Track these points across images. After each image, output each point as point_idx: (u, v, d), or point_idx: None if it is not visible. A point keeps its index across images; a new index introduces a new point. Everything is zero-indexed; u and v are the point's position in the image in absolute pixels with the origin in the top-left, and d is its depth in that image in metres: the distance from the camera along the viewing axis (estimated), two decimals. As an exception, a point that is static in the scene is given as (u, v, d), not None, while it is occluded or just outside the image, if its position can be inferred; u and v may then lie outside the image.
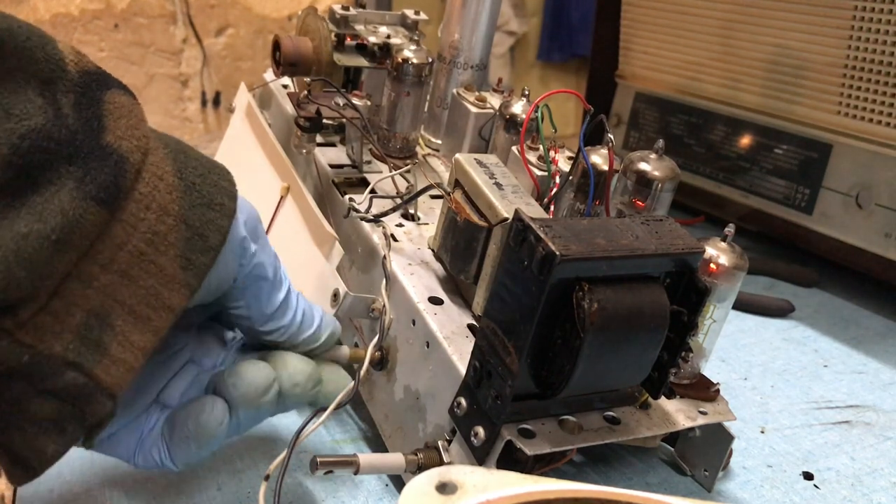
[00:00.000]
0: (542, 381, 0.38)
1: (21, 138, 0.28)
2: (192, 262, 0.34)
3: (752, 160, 0.85)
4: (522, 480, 0.32)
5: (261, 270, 0.39)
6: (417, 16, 0.65)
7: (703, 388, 0.47)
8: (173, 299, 0.33)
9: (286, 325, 0.41)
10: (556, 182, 0.50)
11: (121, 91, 0.33)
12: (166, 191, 0.33)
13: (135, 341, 0.32)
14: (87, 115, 0.31)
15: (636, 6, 0.98)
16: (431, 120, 0.64)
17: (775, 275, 0.83)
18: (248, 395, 0.38)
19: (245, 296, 0.39)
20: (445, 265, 0.47)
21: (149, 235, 0.32)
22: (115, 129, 0.32)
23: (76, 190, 0.30)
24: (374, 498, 0.45)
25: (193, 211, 0.34)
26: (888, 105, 0.71)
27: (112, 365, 0.32)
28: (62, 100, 0.30)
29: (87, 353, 0.31)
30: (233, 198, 0.36)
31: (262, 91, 0.69)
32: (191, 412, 0.38)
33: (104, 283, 0.31)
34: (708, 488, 0.49)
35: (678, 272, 0.39)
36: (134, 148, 0.32)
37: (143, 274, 0.32)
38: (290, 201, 0.55)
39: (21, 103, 0.29)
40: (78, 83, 0.31)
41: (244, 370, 0.39)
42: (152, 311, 0.33)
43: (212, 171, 0.36)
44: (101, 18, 1.79)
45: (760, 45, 0.82)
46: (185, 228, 0.33)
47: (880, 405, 0.61)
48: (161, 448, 0.38)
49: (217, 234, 0.35)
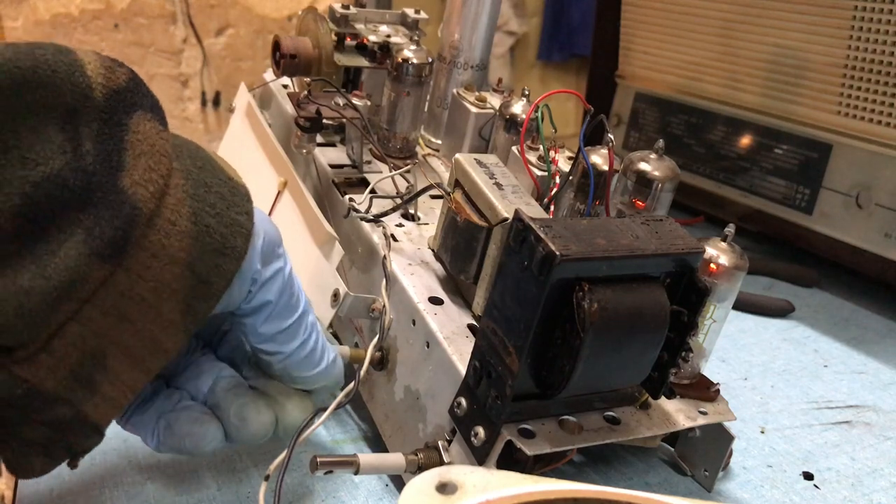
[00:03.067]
0: (542, 381, 0.38)
1: (34, 187, 0.28)
2: (192, 308, 0.34)
3: (752, 160, 0.85)
4: (522, 480, 0.32)
5: (265, 295, 0.37)
6: (418, 14, 0.65)
7: (703, 388, 0.47)
8: (169, 343, 0.34)
9: (285, 353, 0.39)
10: (556, 182, 0.50)
11: (148, 114, 0.32)
12: (177, 237, 0.32)
13: (126, 380, 0.33)
14: (108, 148, 0.30)
15: (636, 6, 0.98)
16: (431, 120, 0.64)
17: (775, 275, 0.83)
18: (245, 439, 0.40)
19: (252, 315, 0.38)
20: (445, 265, 0.47)
21: (153, 284, 0.32)
22: (134, 169, 0.31)
23: (83, 244, 0.29)
24: (374, 498, 0.45)
25: (203, 258, 0.33)
26: (888, 105, 0.71)
27: (102, 402, 0.32)
28: (84, 131, 0.30)
29: (79, 391, 0.31)
30: (247, 237, 0.35)
31: (262, 91, 0.69)
32: (189, 433, 0.38)
33: (103, 325, 0.31)
34: (708, 488, 0.49)
35: (678, 272, 0.39)
36: (149, 196, 0.31)
37: (143, 318, 0.32)
38: (289, 199, 0.55)
39: (39, 144, 0.28)
40: (104, 108, 0.30)
41: (249, 416, 0.39)
42: (147, 354, 0.33)
43: (231, 205, 0.35)
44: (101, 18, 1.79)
45: (760, 45, 0.82)
46: (190, 276, 0.33)
47: (880, 405, 0.61)
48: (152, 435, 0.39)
49: (222, 280, 0.34)
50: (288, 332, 0.39)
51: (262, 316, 0.38)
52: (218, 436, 0.39)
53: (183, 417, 0.39)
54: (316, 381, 0.41)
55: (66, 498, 0.44)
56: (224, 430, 0.39)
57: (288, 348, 0.39)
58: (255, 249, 0.36)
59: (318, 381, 0.41)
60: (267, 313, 0.38)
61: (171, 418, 0.39)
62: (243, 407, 0.39)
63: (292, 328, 0.39)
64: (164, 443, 0.39)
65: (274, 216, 0.56)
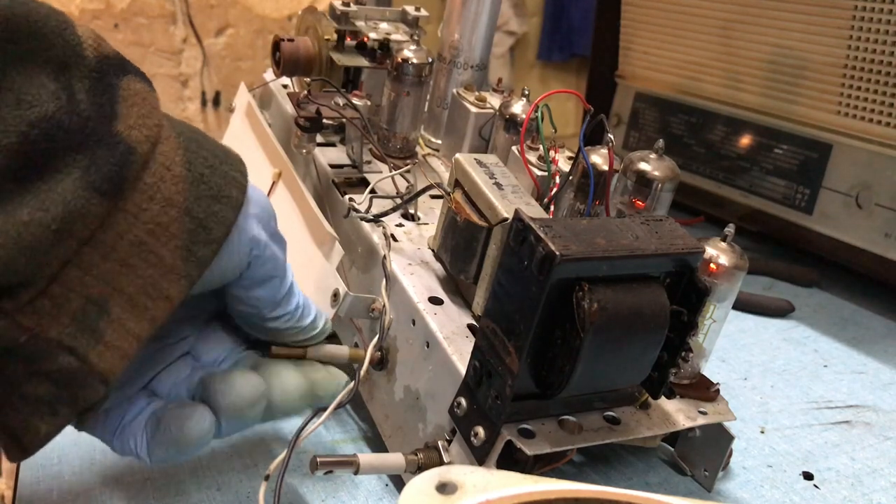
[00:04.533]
0: (542, 381, 0.38)
1: (30, 126, 0.28)
2: (193, 253, 0.34)
3: (752, 160, 0.85)
4: (522, 480, 0.32)
5: (274, 261, 0.39)
6: (418, 12, 0.65)
7: (703, 388, 0.47)
8: (172, 290, 0.33)
9: (292, 310, 0.41)
10: (556, 182, 0.50)
11: (137, 78, 0.33)
12: (172, 182, 0.33)
13: (131, 329, 0.33)
14: (101, 100, 0.31)
15: (636, 6, 0.98)
16: (431, 120, 0.64)
17: (775, 275, 0.83)
18: (235, 406, 0.38)
19: (259, 285, 0.39)
20: (445, 265, 0.47)
21: (151, 226, 0.32)
22: (128, 116, 0.32)
23: (80, 180, 0.30)
24: (374, 498, 0.45)
25: (199, 202, 0.34)
26: (888, 105, 0.71)
27: (106, 351, 0.32)
28: (77, 85, 0.30)
29: (83, 338, 0.31)
30: (242, 189, 0.36)
31: (262, 91, 0.69)
32: (176, 417, 0.37)
33: (104, 270, 0.31)
34: (708, 488, 0.49)
35: (678, 272, 0.39)
36: (143, 138, 0.32)
37: (143, 263, 0.32)
38: (290, 199, 0.55)
39: (34, 88, 0.29)
40: (94, 68, 0.31)
41: (234, 380, 0.39)
42: (150, 301, 0.33)
43: (224, 162, 0.36)
44: (101, 18, 1.79)
45: (760, 45, 0.82)
46: (188, 220, 0.34)
47: (880, 405, 0.61)
48: (140, 441, 0.38)
49: (221, 226, 0.35)
50: (289, 292, 0.40)
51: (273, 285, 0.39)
52: (206, 417, 0.37)
53: (171, 406, 0.38)
54: (318, 322, 0.42)
55: (66, 498, 0.44)
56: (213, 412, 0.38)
57: (292, 305, 0.41)
58: (250, 214, 0.37)
59: (320, 320, 0.43)
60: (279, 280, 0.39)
61: (159, 412, 0.38)
62: (228, 374, 0.39)
63: (291, 287, 0.40)
64: (153, 442, 0.37)
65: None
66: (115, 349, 0.32)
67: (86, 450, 0.47)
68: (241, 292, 0.39)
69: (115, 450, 0.39)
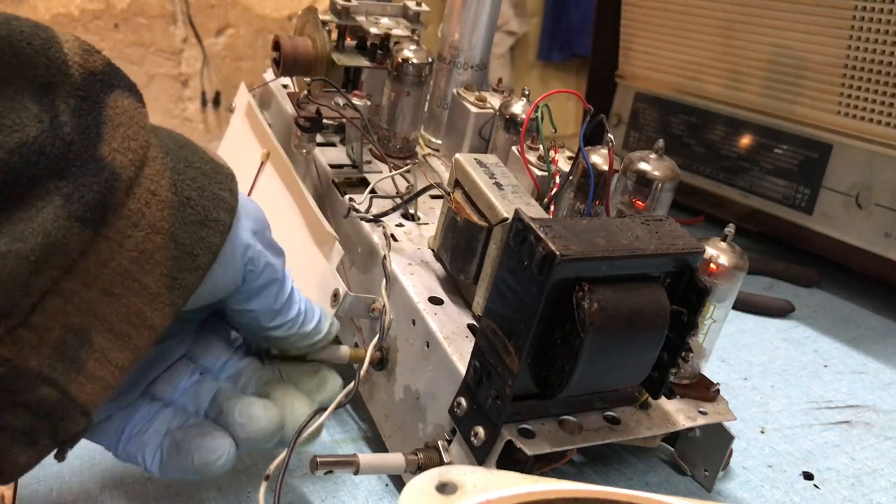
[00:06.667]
0: (542, 381, 0.38)
1: (10, 153, 0.27)
2: (178, 281, 0.33)
3: (752, 160, 0.85)
4: (522, 480, 0.32)
5: (271, 272, 0.38)
6: (419, 7, 0.65)
7: (703, 388, 0.47)
8: (156, 319, 0.33)
9: (293, 318, 0.40)
10: (556, 182, 0.50)
11: (126, 93, 0.33)
12: (158, 207, 0.32)
13: (113, 359, 0.32)
14: (86, 121, 0.30)
15: (636, 6, 0.98)
16: (431, 120, 0.64)
17: (775, 275, 0.83)
18: (255, 439, 0.38)
19: (255, 297, 0.38)
20: (445, 265, 0.47)
21: (135, 254, 0.32)
22: (112, 139, 0.31)
23: (62, 208, 0.29)
24: (374, 498, 0.45)
25: (185, 228, 0.33)
26: (888, 105, 0.71)
27: (87, 382, 0.31)
28: (61, 105, 0.30)
29: (63, 369, 0.30)
30: (231, 212, 0.35)
31: (262, 91, 0.69)
32: (199, 448, 0.37)
33: (85, 299, 0.31)
34: (708, 488, 0.49)
35: (678, 272, 0.39)
36: (128, 162, 0.31)
37: (126, 292, 0.32)
38: (289, 199, 0.55)
39: (15, 112, 0.28)
40: (80, 87, 0.31)
41: (255, 412, 0.38)
42: (133, 330, 0.32)
43: (213, 182, 0.35)
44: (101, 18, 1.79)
45: (760, 45, 0.82)
46: (173, 247, 0.33)
47: (880, 405, 0.61)
48: (152, 457, 0.38)
49: (207, 252, 0.34)
50: (289, 300, 0.40)
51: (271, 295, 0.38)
52: (229, 449, 0.37)
53: (192, 433, 0.38)
54: (322, 326, 0.42)
55: (65, 498, 0.44)
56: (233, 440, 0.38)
57: (293, 313, 0.40)
58: (244, 228, 0.36)
59: (325, 325, 0.42)
60: (276, 289, 0.39)
61: (179, 435, 0.38)
62: (249, 405, 0.39)
63: (291, 295, 0.40)
64: (169, 462, 0.37)
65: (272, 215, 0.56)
66: (96, 380, 0.31)
67: (86, 450, 0.47)
68: (238, 305, 0.38)
69: (119, 456, 0.39)
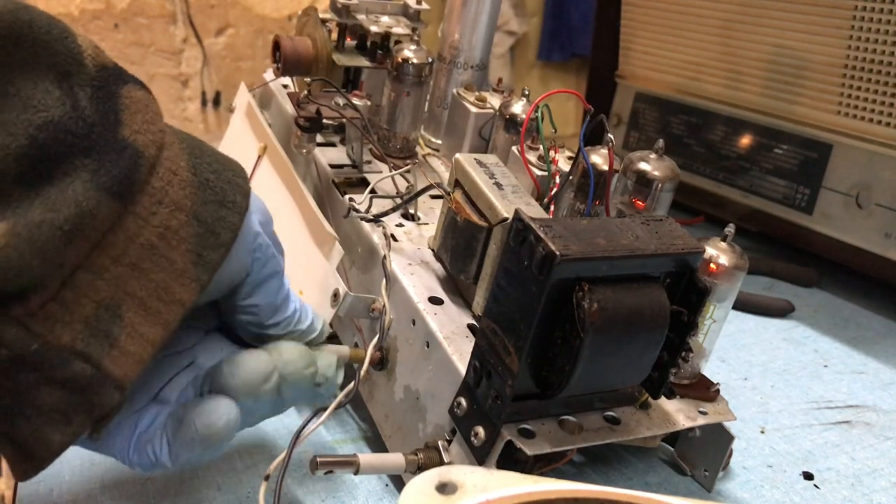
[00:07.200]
0: (542, 381, 0.38)
1: (38, 129, 0.29)
2: (203, 257, 0.34)
3: (752, 160, 0.85)
4: (522, 480, 0.32)
5: (275, 264, 0.39)
6: (419, 5, 0.65)
7: (703, 388, 0.47)
8: (184, 294, 0.34)
9: (290, 315, 0.41)
10: (556, 182, 0.50)
11: (137, 86, 0.34)
12: (180, 186, 0.34)
13: (144, 334, 0.33)
14: (104, 108, 0.31)
15: (636, 6, 0.98)
16: (431, 120, 0.64)
17: (775, 275, 0.83)
18: (248, 383, 0.37)
19: (259, 290, 0.39)
20: (445, 265, 0.47)
21: (161, 230, 0.33)
22: (132, 123, 0.32)
23: (90, 182, 0.30)
24: (374, 498, 0.45)
25: (206, 207, 0.34)
26: (888, 105, 0.71)
27: (121, 356, 0.32)
28: (79, 93, 0.31)
29: (96, 344, 0.31)
30: (246, 195, 0.36)
31: (262, 91, 0.69)
32: (199, 412, 0.36)
33: (115, 275, 0.32)
34: (708, 488, 0.49)
35: (678, 272, 0.39)
36: (149, 142, 0.33)
37: (154, 267, 0.33)
38: (289, 199, 0.55)
39: (39, 94, 0.29)
40: (95, 77, 0.32)
41: (242, 359, 0.38)
42: (162, 305, 0.33)
43: (226, 168, 0.36)
44: (101, 18, 1.79)
45: (760, 45, 0.82)
46: (196, 224, 0.34)
47: (880, 405, 0.61)
48: (160, 445, 0.37)
49: (228, 231, 0.35)
50: (286, 297, 0.41)
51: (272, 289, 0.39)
52: (230, 408, 0.37)
53: (191, 404, 0.37)
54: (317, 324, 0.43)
55: (65, 498, 0.44)
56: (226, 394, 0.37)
57: (290, 310, 0.41)
58: (254, 219, 0.37)
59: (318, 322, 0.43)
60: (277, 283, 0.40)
61: (177, 412, 0.37)
62: (233, 354, 0.39)
63: (288, 292, 0.41)
64: (176, 443, 0.37)
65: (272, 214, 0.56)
66: (129, 354, 0.32)
67: (86, 450, 0.47)
68: (243, 300, 0.39)
69: (133, 464, 0.38)
